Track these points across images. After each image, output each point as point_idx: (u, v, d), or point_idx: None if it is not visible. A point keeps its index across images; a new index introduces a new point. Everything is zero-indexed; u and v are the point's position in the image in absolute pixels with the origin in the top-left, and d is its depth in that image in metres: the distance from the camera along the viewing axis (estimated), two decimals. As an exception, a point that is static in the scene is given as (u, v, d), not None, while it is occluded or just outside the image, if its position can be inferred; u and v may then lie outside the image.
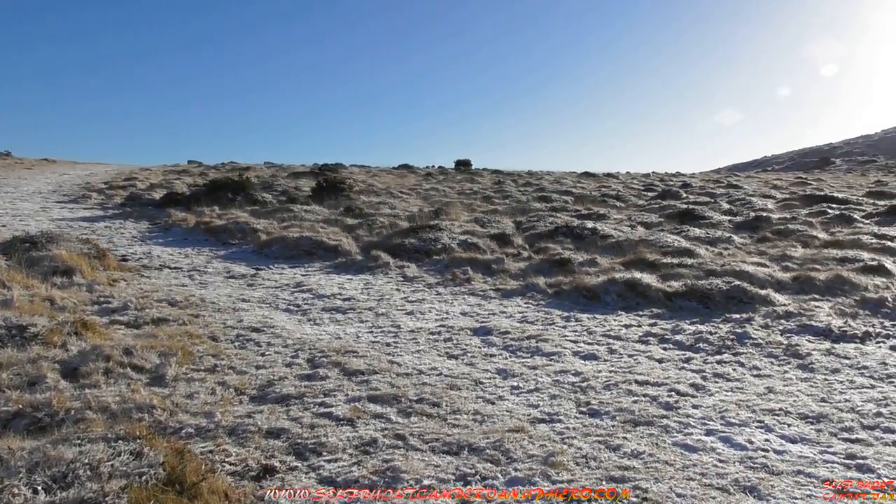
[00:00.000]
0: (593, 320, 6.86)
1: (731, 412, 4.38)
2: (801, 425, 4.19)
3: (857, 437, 4.01)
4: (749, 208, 17.12)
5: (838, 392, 4.80)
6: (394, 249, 10.48)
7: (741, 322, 6.66)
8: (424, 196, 21.31)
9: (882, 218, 15.05)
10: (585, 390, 4.79)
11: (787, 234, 12.44)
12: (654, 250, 10.18)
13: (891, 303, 7.28)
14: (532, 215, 14.96)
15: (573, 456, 3.65)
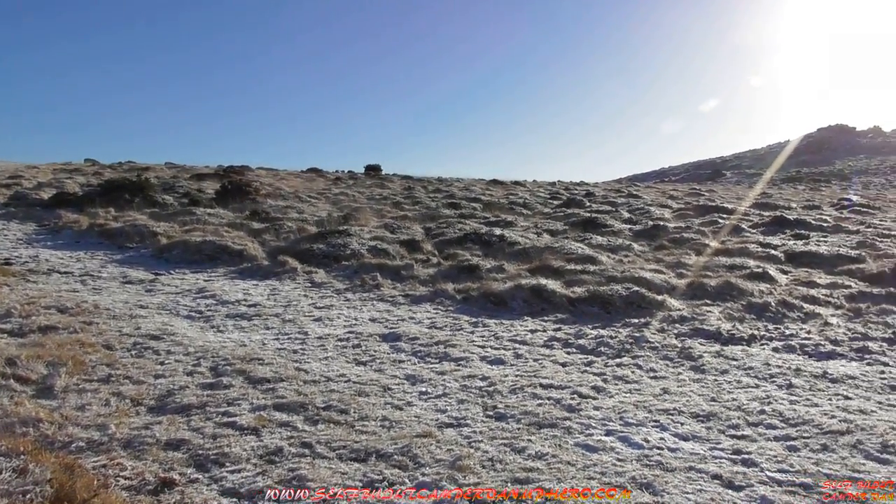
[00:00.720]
0: (500, 326, 6.99)
1: (629, 413, 4.57)
2: (693, 424, 4.42)
3: (742, 433, 4.27)
4: (648, 217, 17.89)
5: (726, 392, 5.09)
6: (302, 254, 10.32)
7: (639, 326, 6.96)
8: (334, 201, 21.10)
9: (767, 228, 16.07)
10: (492, 394, 4.88)
11: (682, 243, 13.08)
12: (559, 257, 10.49)
13: (773, 307, 7.77)
14: (441, 221, 15.09)
15: (480, 459, 3.71)
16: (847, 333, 6.84)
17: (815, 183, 54.80)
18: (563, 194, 27.38)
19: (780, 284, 9.30)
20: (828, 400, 4.93)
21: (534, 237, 12.95)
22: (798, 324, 7.27)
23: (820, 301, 8.25)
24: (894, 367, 5.85)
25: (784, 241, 13.76)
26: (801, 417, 4.54)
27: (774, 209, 20.54)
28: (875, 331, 6.94)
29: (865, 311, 7.76)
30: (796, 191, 40.98)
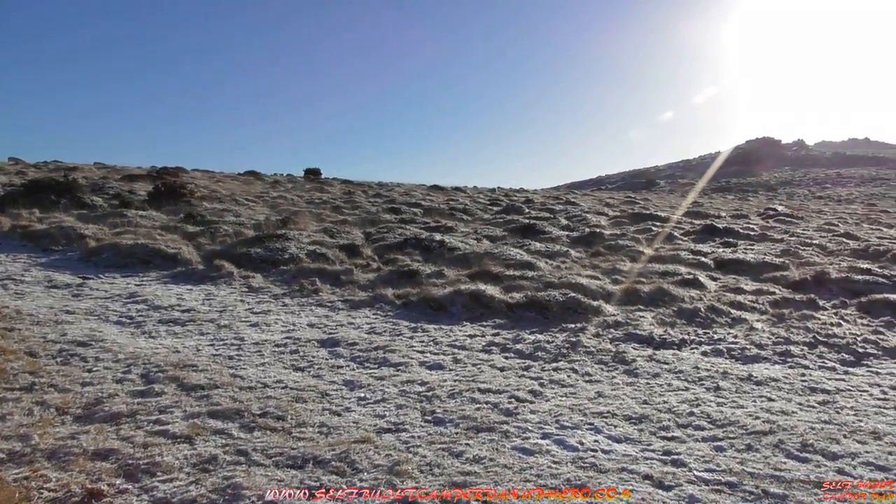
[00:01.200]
0: (440, 331, 7.03)
1: (565, 416, 4.66)
2: (625, 426, 4.54)
3: (672, 435, 4.41)
4: (585, 224, 18.26)
5: (658, 395, 5.25)
6: (238, 259, 10.14)
7: (576, 331, 7.10)
8: (272, 204, 20.79)
9: (698, 236, 16.61)
10: (431, 399, 4.90)
11: (618, 249, 13.40)
12: (499, 263, 10.60)
13: (703, 312, 8.05)
14: (382, 226, 15.05)
15: (418, 464, 3.72)
16: (771, 338, 7.13)
17: (744, 193, 56.97)
18: (502, 201, 27.68)
19: (710, 291, 9.62)
20: (752, 402, 5.14)
21: (474, 243, 13.04)
22: (726, 328, 7.54)
23: (746, 307, 8.58)
24: (814, 369, 6.14)
25: (714, 248, 14.25)
26: (728, 419, 4.72)
27: (705, 218, 21.25)
28: (797, 335, 7.26)
29: (788, 316, 8.11)
30: (726, 200, 42.51)
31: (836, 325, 7.70)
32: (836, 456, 4.12)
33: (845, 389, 5.54)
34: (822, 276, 10.45)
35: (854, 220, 26.61)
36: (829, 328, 7.55)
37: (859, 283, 10.14)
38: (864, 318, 8.22)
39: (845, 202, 45.80)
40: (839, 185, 65.35)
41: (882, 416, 4.92)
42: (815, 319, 7.96)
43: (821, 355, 6.60)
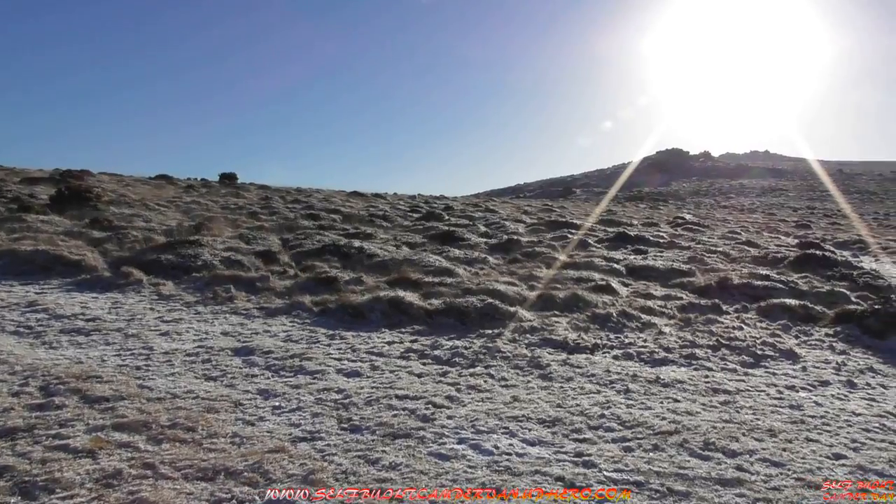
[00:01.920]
0: (358, 338, 6.98)
1: (481, 421, 4.72)
2: (539, 429, 4.63)
3: (584, 437, 4.54)
4: (503, 231, 18.53)
5: (571, 398, 5.38)
6: (148, 266, 9.77)
7: (493, 337, 7.20)
8: (185, 209, 20.12)
9: (611, 243, 17.15)
10: (348, 407, 4.87)
11: (535, 256, 13.67)
12: (418, 269, 10.63)
13: (615, 318, 8.30)
14: (300, 233, 14.83)
15: (333, 472, 3.69)
16: (678, 341, 7.43)
17: (655, 202, 59.18)
18: (422, 207, 27.76)
19: (622, 296, 9.94)
20: (660, 403, 5.34)
21: (393, 249, 13.03)
22: (636, 333, 7.80)
23: (655, 312, 8.91)
24: (717, 371, 6.44)
25: (626, 255, 14.74)
26: (637, 420, 4.89)
27: (618, 226, 21.97)
28: (701, 339, 7.59)
29: (694, 320, 8.48)
30: (638, 209, 44.09)
31: (737, 329, 8.10)
32: (735, 453, 4.34)
33: (745, 390, 5.84)
34: (726, 281, 10.99)
35: (755, 228, 28.11)
36: (732, 331, 7.94)
37: (759, 288, 10.72)
38: (763, 322, 8.69)
39: (748, 211, 48.29)
40: (742, 195, 68.88)
41: (778, 414, 5.21)
42: (719, 323, 8.35)
43: (723, 357, 6.93)
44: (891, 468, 4.20)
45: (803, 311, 9.14)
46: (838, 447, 4.54)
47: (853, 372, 6.58)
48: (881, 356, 7.19)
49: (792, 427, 4.91)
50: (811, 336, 8.06)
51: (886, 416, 5.29)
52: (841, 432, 4.84)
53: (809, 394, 5.83)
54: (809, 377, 6.36)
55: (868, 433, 4.85)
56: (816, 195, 66.14)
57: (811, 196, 65.55)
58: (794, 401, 5.56)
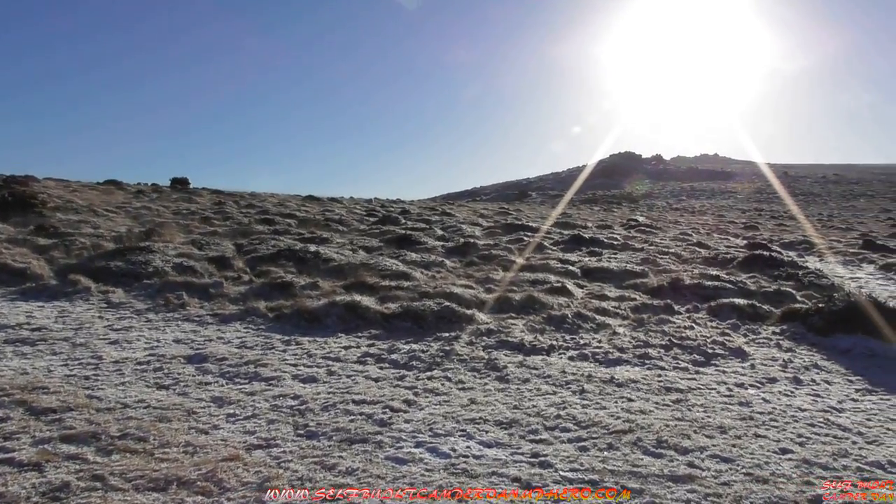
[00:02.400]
0: (314, 343, 6.92)
1: (438, 424, 4.73)
2: (496, 431, 4.66)
3: (541, 437, 4.58)
4: (460, 235, 18.58)
5: (528, 399, 5.43)
6: (97, 273, 9.52)
7: (450, 340, 7.22)
8: (135, 215, 19.66)
9: (566, 245, 17.35)
10: (304, 413, 4.82)
11: (491, 259, 13.74)
12: (374, 273, 10.59)
13: (570, 319, 8.40)
14: (254, 238, 14.64)
15: (289, 479, 3.65)
16: (632, 341, 7.56)
17: (609, 204, 60.10)
18: (379, 211, 27.68)
19: (577, 298, 10.07)
20: (614, 403, 5.43)
21: (349, 254, 12.96)
22: (591, 334, 7.91)
23: (610, 312, 9.05)
24: (669, 370, 6.57)
25: (581, 257, 14.93)
26: (592, 420, 4.96)
27: (573, 228, 22.24)
28: (654, 338, 7.74)
29: (647, 320, 8.63)
30: (592, 211, 44.69)
31: (689, 328, 8.28)
32: (687, 450, 4.44)
33: (696, 388, 5.97)
34: (678, 282, 11.21)
35: (706, 230, 28.76)
36: (683, 331, 8.11)
37: (709, 288, 10.97)
38: (713, 321, 8.89)
39: (698, 213, 49.37)
40: (693, 197, 70.41)
41: (727, 411, 5.34)
42: (671, 323, 8.52)
43: (675, 357, 7.07)
44: (834, 461, 4.34)
45: (751, 310, 9.38)
46: (785, 442, 4.68)
47: (799, 369, 6.78)
48: (825, 353, 7.43)
49: (741, 423, 5.04)
50: (759, 335, 8.28)
51: (830, 411, 5.47)
52: (787, 428, 4.99)
53: (758, 391, 5.99)
54: (758, 374, 6.53)
55: (813, 428, 5.01)
56: (764, 197, 68.03)
57: (759, 198, 67.39)
58: (743, 398, 5.71)
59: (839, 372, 6.72)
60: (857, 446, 4.64)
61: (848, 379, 6.48)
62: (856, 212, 55.02)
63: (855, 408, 5.57)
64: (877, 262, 17.53)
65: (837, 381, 6.42)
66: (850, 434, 4.89)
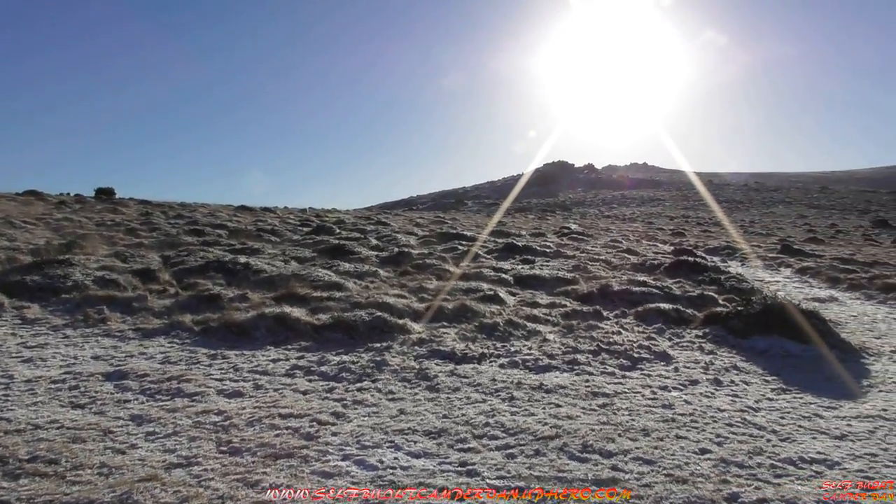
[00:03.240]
0: (241, 357, 6.77)
1: (366, 436, 4.69)
2: (425, 441, 4.66)
3: (469, 446, 4.60)
4: (395, 244, 18.54)
5: (457, 408, 5.44)
6: (11, 288, 9.08)
7: (381, 350, 7.17)
8: (55, 227, 18.87)
9: (500, 254, 17.52)
10: (228, 429, 4.71)
11: (425, 268, 13.74)
12: (306, 284, 10.44)
13: (502, 327, 8.47)
14: (182, 249, 14.25)
15: (209, 498, 3.55)
16: (561, 348, 7.67)
17: (543, 213, 61.08)
18: (313, 221, 27.36)
19: (509, 305, 10.17)
20: (542, 409, 5.50)
21: (281, 265, 12.74)
22: (522, 341, 7.99)
23: (541, 319, 9.17)
24: (597, 375, 6.70)
25: (514, 265, 15.08)
26: (520, 427, 5.01)
27: (507, 236, 22.49)
28: (583, 344, 7.87)
29: (576, 327, 8.78)
30: (527, 219, 45.34)
31: (616, 334, 8.46)
32: (611, 454, 4.53)
33: (622, 392, 6.10)
34: (607, 288, 11.46)
35: (635, 237, 29.54)
36: (611, 336, 8.28)
37: (637, 294, 11.24)
38: (640, 326, 9.12)
39: (629, 221, 50.71)
40: (624, 205, 72.27)
41: (651, 414, 5.48)
42: (600, 329, 8.70)
43: (603, 362, 7.22)
44: (749, 459, 4.50)
45: (676, 314, 9.66)
46: (704, 442, 4.83)
47: (719, 370, 7.02)
48: (744, 354, 7.72)
49: (664, 426, 5.18)
50: (683, 338, 8.54)
51: (747, 410, 5.68)
52: (707, 428, 5.15)
53: (680, 393, 6.16)
54: (681, 377, 6.73)
55: (731, 428, 5.19)
56: (690, 204, 70.39)
57: (686, 205, 69.68)
58: (666, 400, 5.87)
59: (756, 372, 6.99)
60: (770, 444, 4.83)
61: (764, 379, 6.75)
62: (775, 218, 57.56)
63: (770, 407, 5.80)
64: (793, 265, 18.35)
65: (755, 381, 6.68)
66: (765, 432, 5.09)
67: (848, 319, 10.62)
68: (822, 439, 4.98)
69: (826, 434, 5.10)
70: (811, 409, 5.73)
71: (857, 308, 11.95)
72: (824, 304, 12.24)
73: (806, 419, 5.46)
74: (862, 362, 7.64)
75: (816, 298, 12.81)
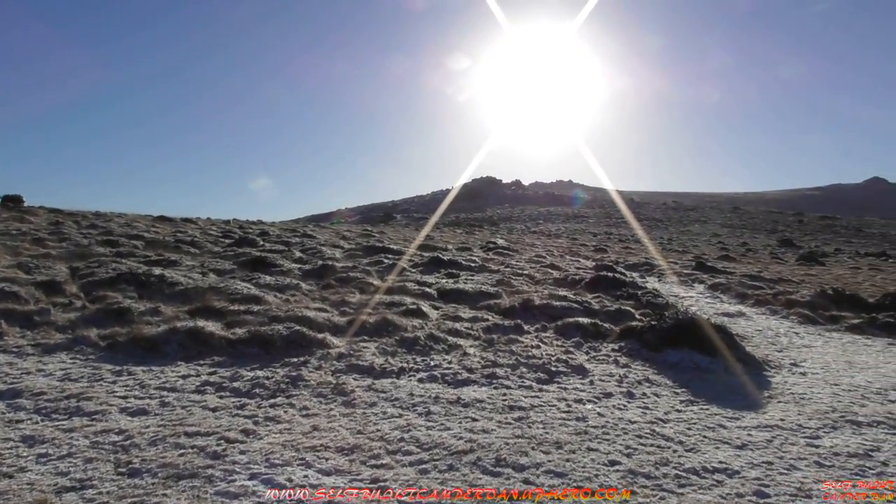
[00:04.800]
0: (149, 373, 6.49)
1: (276, 454, 4.56)
2: (337, 458, 4.56)
3: (382, 462, 4.53)
4: (319, 257, 18.27)
5: (373, 423, 5.37)
6: None
7: (298, 365, 7.02)
8: (-47, 236, 17.74)
9: (425, 268, 17.51)
10: (128, 449, 4.49)
11: (349, 282, 13.59)
12: (223, 297, 10.15)
13: (423, 341, 8.44)
14: (93, 261, 13.62)
15: (101, 523, 3.36)
16: (481, 362, 7.70)
17: (471, 227, 61.54)
18: (236, 233, 26.69)
19: (432, 319, 10.15)
20: (459, 423, 5.48)
21: (199, 277, 12.35)
22: (442, 355, 7.98)
23: (462, 333, 9.19)
24: (514, 389, 6.74)
25: (438, 279, 15.10)
26: (435, 441, 4.97)
27: (433, 250, 22.52)
28: (503, 358, 7.93)
29: (497, 341, 8.85)
30: (455, 234, 45.56)
31: (535, 347, 8.56)
32: (523, 467, 4.55)
33: (538, 405, 6.16)
34: (528, 302, 11.60)
35: (559, 252, 30.10)
36: (530, 350, 8.37)
37: (557, 308, 11.43)
38: (559, 340, 9.26)
39: (554, 236, 51.67)
40: (550, 221, 73.65)
41: (565, 426, 5.55)
42: (520, 343, 8.78)
43: (521, 375, 7.28)
44: (656, 470, 4.61)
45: (594, 328, 9.87)
46: (614, 454, 4.91)
47: (633, 383, 7.19)
48: (656, 367, 7.93)
49: (576, 438, 5.24)
50: (600, 351, 8.71)
51: (657, 422, 5.82)
52: (618, 440, 5.25)
53: (595, 406, 6.27)
54: (596, 390, 6.85)
55: (640, 439, 5.30)
56: (613, 222, 72.36)
57: (609, 222, 71.60)
58: (580, 413, 5.95)
59: (667, 385, 7.19)
60: (676, 454, 4.96)
61: (674, 391, 6.95)
62: (691, 236, 59.84)
63: (678, 418, 5.97)
64: (706, 281, 19.07)
65: (665, 393, 6.86)
66: (672, 443, 5.23)
67: (754, 333, 11.09)
68: (724, 449, 5.15)
69: (728, 444, 5.28)
70: (716, 420, 5.93)
71: (763, 322, 12.50)
72: (733, 318, 12.75)
73: (710, 430, 5.64)
74: (764, 374, 7.97)
75: (726, 313, 13.34)
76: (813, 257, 34.27)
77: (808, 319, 12.83)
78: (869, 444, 5.40)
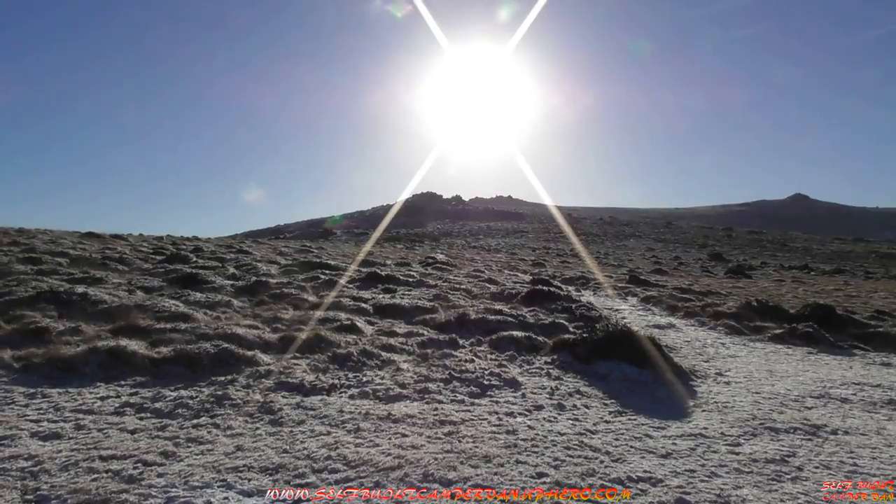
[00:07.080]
0: (65, 395, 6.21)
1: (196, 476, 4.41)
2: (260, 478, 4.45)
3: (306, 481, 4.44)
4: (253, 273, 17.92)
5: (300, 442, 5.26)
6: None
7: (224, 384, 6.84)
8: None
9: (362, 283, 17.39)
10: (37, 475, 4.28)
11: (283, 298, 13.37)
12: (149, 316, 9.84)
13: (356, 356, 8.35)
14: (11, 279, 13.00)
15: (0, 555, 3.18)
16: (414, 377, 7.66)
17: (412, 243, 61.54)
18: (168, 249, 25.97)
19: (366, 335, 10.05)
20: (388, 439, 5.42)
21: (125, 294, 11.95)
22: (375, 371, 7.91)
23: (397, 349, 9.13)
24: (446, 403, 6.72)
25: (375, 294, 15.01)
26: (362, 458, 4.91)
27: (372, 266, 22.39)
28: (436, 373, 7.91)
29: (431, 355, 8.82)
30: (395, 249, 45.44)
31: (469, 362, 8.57)
32: (451, 482, 4.53)
33: (469, 419, 6.15)
34: (464, 317, 11.64)
35: (498, 267, 30.36)
36: (464, 364, 8.38)
37: (493, 322, 11.49)
38: (493, 354, 9.30)
39: (493, 251, 52.11)
40: (490, 236, 74.32)
41: (495, 440, 5.55)
42: (454, 357, 8.78)
43: (454, 390, 7.27)
44: (582, 481, 4.66)
45: (528, 341, 9.95)
46: (542, 466, 4.94)
47: (564, 395, 7.27)
48: (587, 379, 8.04)
49: (505, 451, 5.25)
50: (533, 364, 8.78)
51: (585, 433, 5.89)
52: (546, 452, 5.28)
53: (525, 418, 6.30)
54: (527, 403, 6.89)
55: (568, 451, 5.35)
56: (552, 236, 73.51)
57: (547, 237, 72.70)
58: (510, 426, 5.97)
59: (597, 396, 7.30)
60: (603, 465, 5.02)
61: (604, 402, 7.05)
62: (627, 250, 61.28)
63: (606, 429, 6.06)
64: (639, 294, 19.54)
65: (595, 405, 6.96)
66: (599, 454, 5.29)
67: (682, 344, 11.40)
68: (649, 458, 5.24)
69: (653, 453, 5.38)
70: (642, 430, 6.04)
71: (692, 334, 12.86)
72: (663, 330, 13.07)
73: (637, 440, 5.74)
74: (691, 384, 8.19)
75: (657, 325, 13.67)
76: (741, 270, 35.58)
77: (734, 330, 13.28)
78: (786, 451, 5.59)
